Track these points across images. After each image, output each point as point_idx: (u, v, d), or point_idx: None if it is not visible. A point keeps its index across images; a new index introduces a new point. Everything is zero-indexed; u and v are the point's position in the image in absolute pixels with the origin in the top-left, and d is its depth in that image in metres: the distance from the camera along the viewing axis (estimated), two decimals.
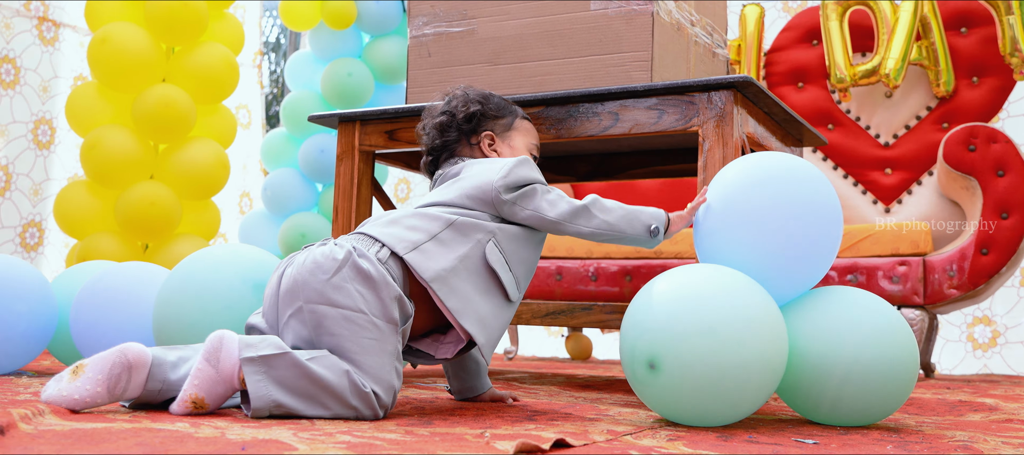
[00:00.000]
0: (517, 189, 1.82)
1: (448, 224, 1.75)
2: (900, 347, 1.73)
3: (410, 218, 1.76)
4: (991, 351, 4.27)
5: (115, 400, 1.56)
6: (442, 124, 2.00)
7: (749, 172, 1.81)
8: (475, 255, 1.74)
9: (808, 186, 1.78)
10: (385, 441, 1.29)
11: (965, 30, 3.90)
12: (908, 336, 1.76)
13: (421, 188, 5.75)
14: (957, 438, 1.63)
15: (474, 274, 1.73)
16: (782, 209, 1.75)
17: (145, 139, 3.95)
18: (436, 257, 1.70)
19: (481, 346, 1.71)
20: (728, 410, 1.61)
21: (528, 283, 1.88)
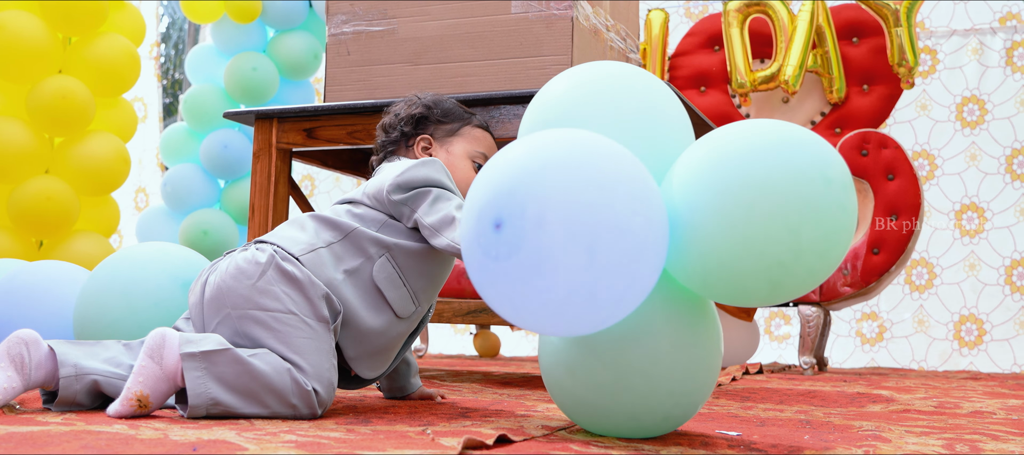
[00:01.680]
0: (409, 190, 1.76)
1: (345, 235, 1.74)
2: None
3: (311, 224, 1.76)
4: (878, 345, 4.50)
5: (31, 384, 1.52)
6: (386, 125, 2.01)
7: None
8: (365, 271, 1.73)
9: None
10: (331, 439, 1.30)
11: (857, 40, 4.10)
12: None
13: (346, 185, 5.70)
14: (865, 428, 1.73)
15: (361, 289, 1.72)
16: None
17: (40, 132, 3.81)
18: (328, 265, 1.70)
19: (349, 359, 1.73)
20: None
21: (436, 292, 1.85)
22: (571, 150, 1.24)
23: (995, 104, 4.46)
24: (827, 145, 1.34)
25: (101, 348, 1.61)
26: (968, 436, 1.65)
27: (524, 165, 1.22)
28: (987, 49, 4.50)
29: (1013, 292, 4.33)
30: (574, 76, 1.53)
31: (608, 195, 1.21)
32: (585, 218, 1.19)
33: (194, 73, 4.96)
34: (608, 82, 1.51)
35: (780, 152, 1.30)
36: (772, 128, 1.34)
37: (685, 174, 1.36)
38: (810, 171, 1.28)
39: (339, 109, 2.57)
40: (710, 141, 1.37)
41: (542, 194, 1.19)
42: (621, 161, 1.27)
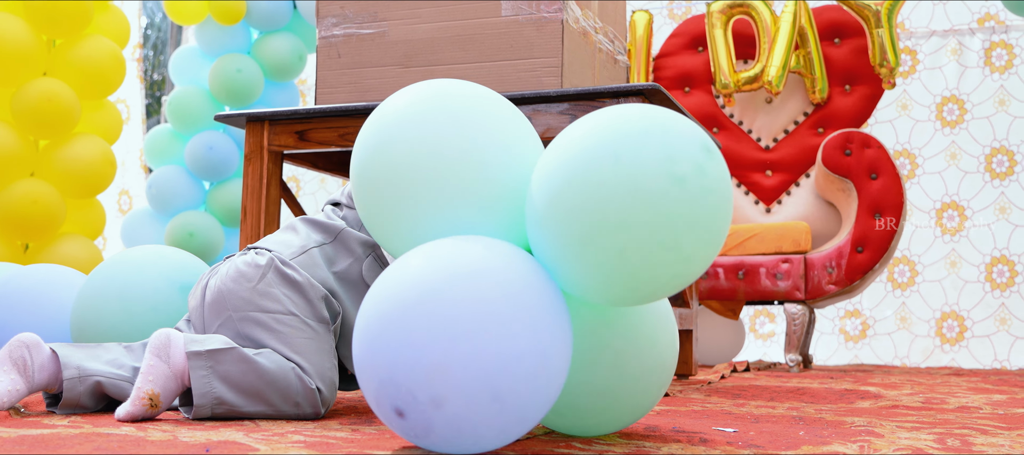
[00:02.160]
0: None
1: (334, 236, 1.77)
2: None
3: (303, 228, 1.79)
4: (861, 342, 4.55)
5: (35, 387, 1.53)
6: None
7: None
8: (354, 271, 1.76)
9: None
10: (338, 439, 1.32)
11: (838, 41, 4.15)
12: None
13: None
14: (857, 424, 1.76)
15: (353, 288, 1.75)
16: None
17: (26, 134, 3.79)
18: (320, 266, 1.73)
19: (345, 359, 1.76)
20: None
21: None
22: (431, 298, 1.15)
23: (974, 104, 4.52)
24: (677, 131, 1.22)
25: (102, 350, 1.62)
26: (957, 430, 1.69)
27: (395, 338, 1.14)
28: (966, 49, 4.56)
29: (993, 289, 4.40)
30: (405, 97, 1.41)
31: (489, 338, 1.13)
32: (476, 374, 1.12)
33: (178, 75, 4.95)
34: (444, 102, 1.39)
35: (619, 165, 1.19)
36: (608, 135, 1.23)
37: (535, 218, 1.28)
38: (656, 175, 1.19)
39: (331, 112, 2.59)
40: (548, 160, 1.27)
41: (424, 375, 1.12)
42: (485, 276, 1.17)
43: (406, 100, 1.39)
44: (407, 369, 1.12)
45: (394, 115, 1.37)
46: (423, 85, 1.41)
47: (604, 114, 1.27)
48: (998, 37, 4.52)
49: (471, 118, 1.35)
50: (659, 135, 1.20)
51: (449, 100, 1.37)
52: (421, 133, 1.33)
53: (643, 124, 1.22)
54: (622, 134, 1.21)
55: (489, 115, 1.37)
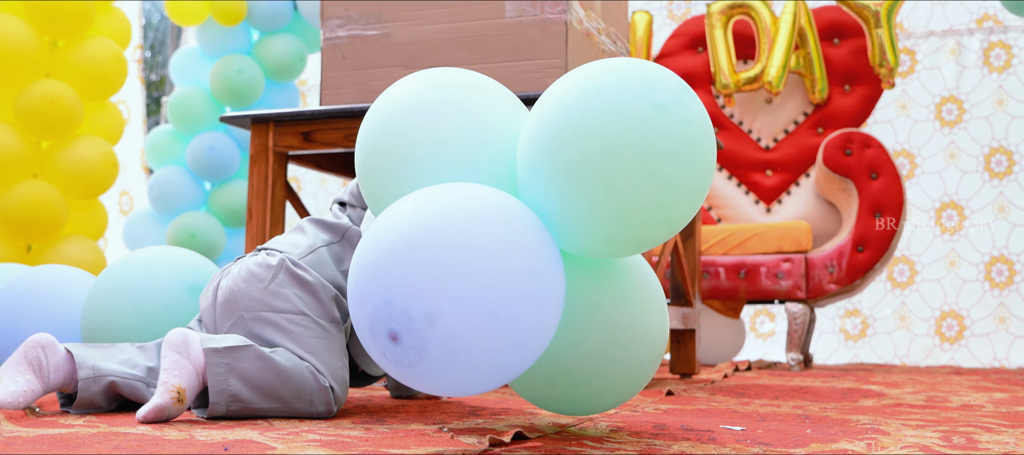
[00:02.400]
0: None
1: (342, 235, 1.79)
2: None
3: (310, 228, 1.81)
4: (861, 341, 4.57)
5: (50, 387, 1.54)
6: None
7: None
8: None
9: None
10: (353, 438, 1.33)
11: (838, 41, 4.17)
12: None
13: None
14: (863, 422, 1.78)
15: None
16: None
17: (28, 136, 3.80)
18: (328, 264, 1.74)
19: (355, 356, 1.78)
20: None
21: None
22: (423, 226, 1.19)
23: (973, 104, 4.54)
24: (657, 71, 1.30)
25: (116, 350, 1.63)
26: (962, 428, 1.70)
27: (389, 263, 1.17)
28: (964, 50, 4.59)
29: (992, 288, 4.42)
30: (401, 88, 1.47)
31: (482, 254, 1.17)
32: (470, 287, 1.15)
33: (179, 76, 4.96)
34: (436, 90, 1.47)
35: (601, 95, 1.26)
36: (590, 74, 1.30)
37: (525, 161, 1.34)
38: (637, 102, 1.25)
39: (336, 113, 2.60)
40: (536, 108, 1.35)
41: (418, 291, 1.14)
42: (476, 206, 1.22)
43: (405, 86, 1.48)
44: (401, 289, 1.15)
45: (396, 100, 1.46)
46: (419, 74, 1.50)
47: (586, 65, 1.35)
48: (996, 37, 4.54)
49: (464, 94, 1.44)
50: (639, 72, 1.28)
51: (446, 82, 1.46)
52: (421, 118, 1.42)
53: (624, 65, 1.31)
54: (604, 72, 1.30)
55: (480, 89, 1.46)
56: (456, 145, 1.39)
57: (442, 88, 1.44)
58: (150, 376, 1.62)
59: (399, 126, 1.42)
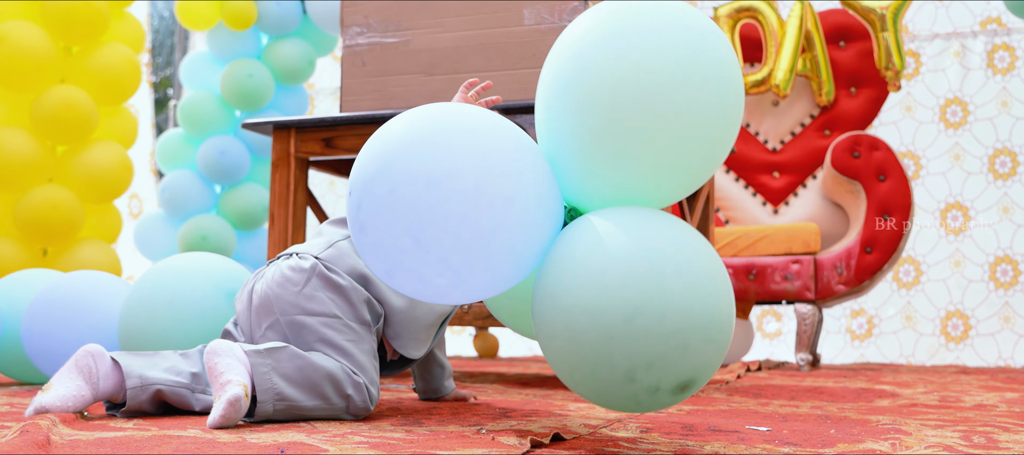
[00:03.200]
0: None
1: None
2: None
3: (331, 226, 1.87)
4: (867, 341, 4.62)
5: (99, 395, 1.59)
6: None
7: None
8: None
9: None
10: (397, 439, 1.38)
11: (844, 44, 4.21)
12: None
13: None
14: (883, 422, 1.82)
15: None
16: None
17: (44, 141, 3.84)
18: (351, 254, 1.80)
19: (391, 340, 1.83)
20: None
21: None
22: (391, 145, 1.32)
23: (977, 105, 4.59)
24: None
25: (160, 358, 1.67)
26: (980, 428, 1.75)
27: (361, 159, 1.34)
28: (969, 52, 4.64)
29: (997, 288, 4.47)
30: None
31: (420, 185, 1.27)
32: (401, 217, 1.28)
33: (189, 80, 5.00)
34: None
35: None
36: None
37: (543, 108, 1.40)
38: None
39: (357, 119, 2.64)
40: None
41: (364, 194, 1.30)
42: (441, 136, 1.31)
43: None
44: (361, 179, 1.33)
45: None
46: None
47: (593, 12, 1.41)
48: (1000, 39, 4.59)
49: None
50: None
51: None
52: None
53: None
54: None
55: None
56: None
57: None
58: (194, 382, 1.66)
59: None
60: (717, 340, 1.30)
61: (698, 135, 1.33)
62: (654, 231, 1.30)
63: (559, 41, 1.41)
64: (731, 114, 1.36)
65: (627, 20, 1.33)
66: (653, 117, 1.30)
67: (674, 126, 1.31)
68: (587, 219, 1.35)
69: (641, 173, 1.35)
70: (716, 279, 1.32)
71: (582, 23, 1.38)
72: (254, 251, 4.79)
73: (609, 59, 1.31)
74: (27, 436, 1.20)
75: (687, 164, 1.36)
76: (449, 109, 1.36)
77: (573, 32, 1.39)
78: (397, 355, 1.90)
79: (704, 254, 1.32)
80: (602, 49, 1.32)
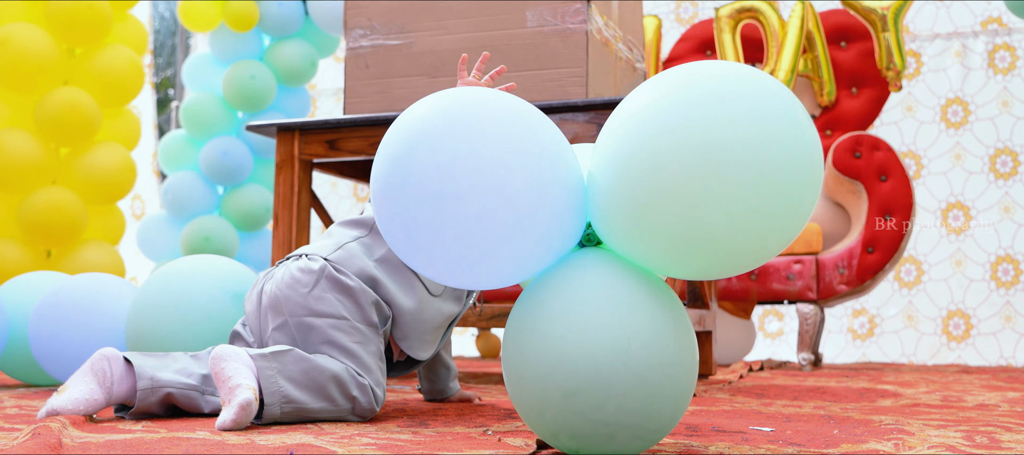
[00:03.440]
0: None
1: (369, 230, 1.86)
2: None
3: (340, 228, 1.87)
4: (869, 341, 4.63)
5: (113, 400, 1.60)
6: None
7: None
8: (393, 256, 1.83)
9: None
10: (404, 441, 1.39)
11: (845, 44, 4.22)
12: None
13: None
14: (886, 422, 1.83)
15: (395, 272, 1.82)
16: None
17: (48, 143, 3.85)
18: (359, 256, 1.80)
19: (399, 340, 1.84)
20: None
21: None
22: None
23: (978, 105, 4.60)
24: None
25: (171, 359, 1.69)
26: (983, 428, 1.76)
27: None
28: (969, 52, 4.65)
29: (998, 287, 4.48)
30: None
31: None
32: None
33: (191, 81, 5.01)
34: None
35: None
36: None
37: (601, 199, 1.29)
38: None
39: (361, 121, 2.65)
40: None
41: (378, 189, 1.28)
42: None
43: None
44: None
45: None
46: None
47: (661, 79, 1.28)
48: (1001, 39, 4.60)
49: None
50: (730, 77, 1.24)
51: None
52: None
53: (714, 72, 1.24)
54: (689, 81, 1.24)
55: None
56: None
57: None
58: (205, 384, 1.67)
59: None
60: (646, 438, 1.29)
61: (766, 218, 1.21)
62: (631, 316, 1.26)
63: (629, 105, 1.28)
64: (809, 196, 1.23)
65: (705, 89, 1.21)
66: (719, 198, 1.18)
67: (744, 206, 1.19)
68: (579, 272, 1.30)
69: (687, 251, 1.24)
70: (674, 386, 1.28)
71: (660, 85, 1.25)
72: (257, 252, 4.80)
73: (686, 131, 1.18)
74: (39, 438, 1.22)
75: (741, 250, 1.23)
76: (480, 104, 1.28)
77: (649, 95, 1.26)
78: (404, 356, 1.92)
79: (671, 355, 1.28)
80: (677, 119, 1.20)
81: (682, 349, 1.30)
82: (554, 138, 1.31)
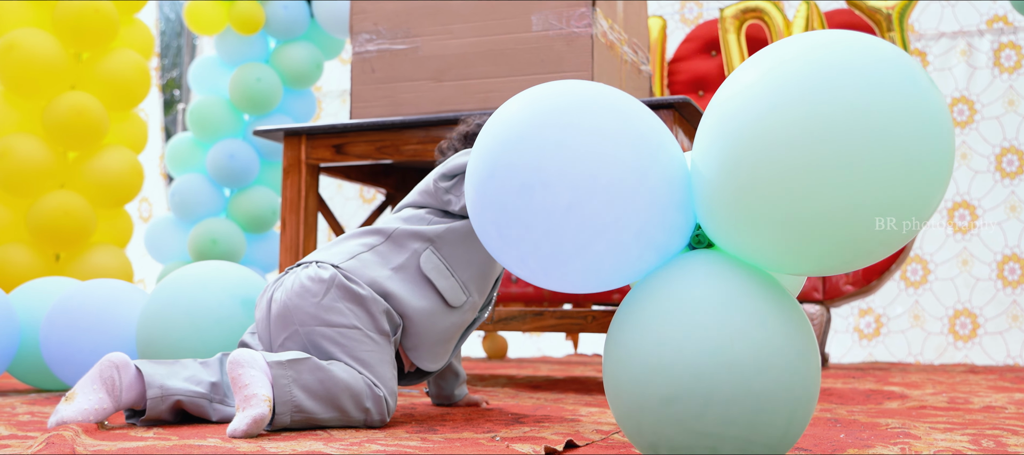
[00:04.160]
0: (452, 178, 1.86)
1: (386, 237, 1.85)
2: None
3: (354, 236, 1.87)
4: (875, 340, 4.63)
5: (121, 406, 1.62)
6: (443, 147, 2.11)
7: None
8: (411, 265, 1.83)
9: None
10: (413, 447, 1.40)
11: None
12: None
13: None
14: (892, 426, 1.84)
15: (411, 283, 1.82)
16: None
17: (56, 147, 3.87)
18: (373, 266, 1.80)
19: (408, 351, 1.84)
20: None
21: (489, 284, 1.93)
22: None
23: (984, 104, 4.60)
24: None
25: (180, 366, 1.70)
26: (989, 431, 1.77)
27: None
28: (975, 51, 4.64)
29: (1005, 286, 4.48)
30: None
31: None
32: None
33: (198, 84, 5.03)
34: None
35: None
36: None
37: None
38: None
39: (367, 126, 2.66)
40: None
41: (473, 170, 1.28)
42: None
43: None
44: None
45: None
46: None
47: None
48: (1007, 38, 4.60)
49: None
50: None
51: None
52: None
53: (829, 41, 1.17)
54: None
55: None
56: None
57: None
58: (213, 392, 1.69)
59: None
60: (755, 451, 1.20)
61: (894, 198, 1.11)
62: (734, 316, 1.18)
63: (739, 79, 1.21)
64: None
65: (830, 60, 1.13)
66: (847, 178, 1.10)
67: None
68: (682, 272, 1.24)
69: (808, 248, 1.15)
70: (787, 394, 1.18)
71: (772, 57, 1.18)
72: (263, 254, 4.82)
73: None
74: (53, 447, 1.23)
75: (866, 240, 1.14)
76: (575, 96, 1.24)
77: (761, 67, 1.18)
78: (414, 367, 1.91)
79: (782, 360, 1.18)
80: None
81: (796, 354, 1.20)
82: (654, 128, 1.25)
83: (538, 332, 4.31)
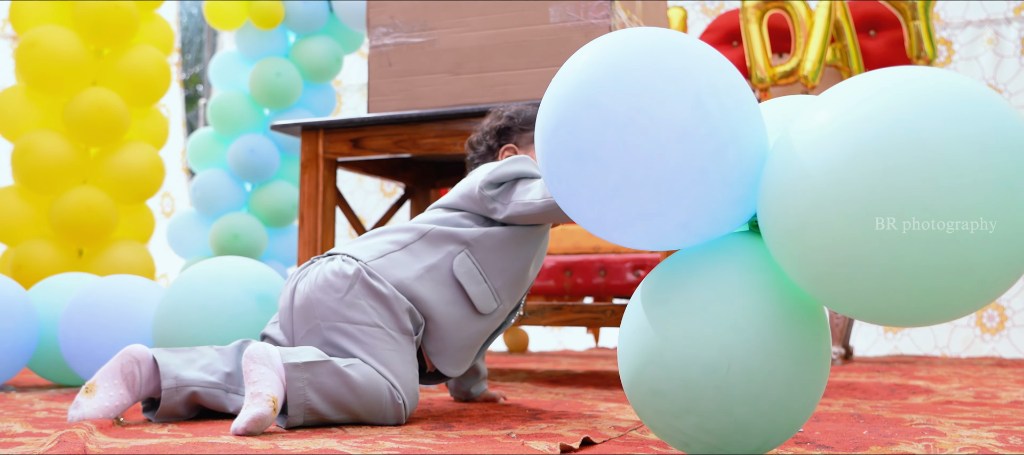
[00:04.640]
0: (499, 185, 1.82)
1: (421, 236, 1.81)
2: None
3: (387, 232, 1.84)
4: (901, 333, 4.58)
5: (140, 397, 1.61)
6: (474, 141, 2.08)
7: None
8: (444, 266, 1.79)
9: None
10: (428, 446, 1.38)
11: (874, 33, 4.17)
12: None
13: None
14: (917, 422, 1.81)
15: (441, 285, 1.78)
16: None
17: (77, 143, 3.89)
18: (402, 265, 1.77)
19: (431, 355, 1.81)
20: None
21: (521, 292, 1.90)
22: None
23: (1011, 93, 4.53)
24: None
25: (197, 354, 1.69)
26: (1016, 428, 1.73)
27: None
28: (1002, 39, 4.57)
29: None
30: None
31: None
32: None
33: (218, 79, 5.04)
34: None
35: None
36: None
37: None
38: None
39: (385, 120, 2.65)
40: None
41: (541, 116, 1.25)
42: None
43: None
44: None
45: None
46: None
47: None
48: None
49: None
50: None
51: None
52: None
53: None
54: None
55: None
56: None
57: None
58: (228, 382, 1.68)
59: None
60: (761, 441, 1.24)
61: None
62: (739, 339, 1.17)
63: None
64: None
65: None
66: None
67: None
68: (707, 266, 1.23)
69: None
70: (769, 425, 1.21)
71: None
72: (284, 248, 4.83)
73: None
74: (64, 445, 1.22)
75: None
76: (658, 73, 1.15)
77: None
78: (435, 368, 1.89)
79: (775, 395, 1.19)
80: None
81: (790, 391, 1.20)
82: (730, 118, 1.15)
83: (558, 326, 4.30)
